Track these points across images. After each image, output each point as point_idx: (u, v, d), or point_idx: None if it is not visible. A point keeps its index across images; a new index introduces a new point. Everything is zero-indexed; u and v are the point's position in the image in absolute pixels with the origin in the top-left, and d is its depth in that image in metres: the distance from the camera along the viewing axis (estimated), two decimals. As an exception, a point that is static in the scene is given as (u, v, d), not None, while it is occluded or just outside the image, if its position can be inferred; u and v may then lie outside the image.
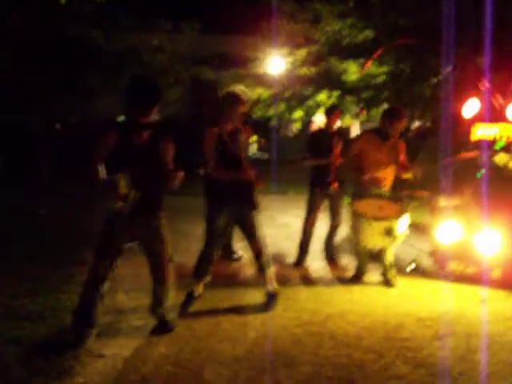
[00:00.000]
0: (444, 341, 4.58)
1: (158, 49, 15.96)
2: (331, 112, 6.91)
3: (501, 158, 6.52)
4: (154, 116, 4.35)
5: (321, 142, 6.81)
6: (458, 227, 6.33)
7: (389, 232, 5.76)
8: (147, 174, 4.29)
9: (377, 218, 5.81)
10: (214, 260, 5.31)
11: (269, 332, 4.76)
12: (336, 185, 6.60)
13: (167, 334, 4.62)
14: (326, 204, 6.96)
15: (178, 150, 4.51)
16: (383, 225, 5.78)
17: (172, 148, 4.46)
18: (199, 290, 5.33)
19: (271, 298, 5.35)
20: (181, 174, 4.32)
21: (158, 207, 4.51)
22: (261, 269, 5.34)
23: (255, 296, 5.55)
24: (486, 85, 7.78)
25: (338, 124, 7.10)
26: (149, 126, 4.34)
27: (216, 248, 5.29)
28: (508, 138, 7.19)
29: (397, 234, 5.79)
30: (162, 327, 4.69)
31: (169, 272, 4.60)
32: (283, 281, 6.01)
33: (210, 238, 5.24)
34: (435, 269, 6.61)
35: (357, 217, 5.92)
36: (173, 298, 4.74)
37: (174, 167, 4.39)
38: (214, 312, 5.20)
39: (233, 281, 6.31)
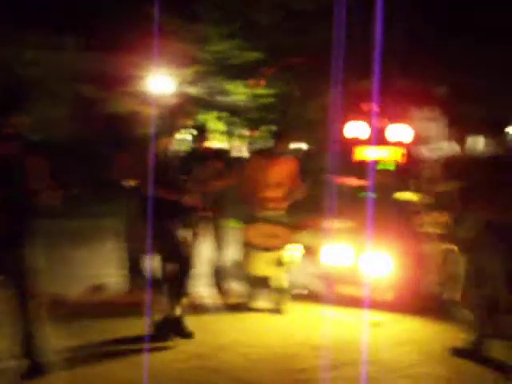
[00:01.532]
0: (341, 370, 4.37)
1: (31, 62, 15.03)
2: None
3: (402, 195, 6.54)
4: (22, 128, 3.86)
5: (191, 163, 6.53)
6: (348, 250, 6.22)
7: (280, 261, 5.68)
8: (5, 194, 3.75)
9: (268, 249, 5.71)
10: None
11: (150, 369, 4.20)
12: (205, 213, 6.35)
13: (39, 378, 4.06)
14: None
15: (57, 169, 4.04)
16: (275, 255, 5.69)
17: (42, 165, 3.94)
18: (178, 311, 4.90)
19: (161, 328, 4.90)
20: (58, 193, 3.86)
21: (20, 234, 3.97)
22: (175, 289, 4.89)
23: (137, 327, 5.01)
24: (370, 107, 7.86)
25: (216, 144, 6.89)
26: (10, 138, 3.83)
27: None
28: (395, 160, 7.26)
29: (289, 262, 5.66)
30: (34, 370, 4.11)
31: (33, 308, 4.06)
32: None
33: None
34: (326, 293, 6.43)
35: (247, 247, 5.78)
36: (46, 335, 4.19)
37: (48, 186, 3.89)
38: (91, 348, 4.68)
39: (111, 310, 5.73)
